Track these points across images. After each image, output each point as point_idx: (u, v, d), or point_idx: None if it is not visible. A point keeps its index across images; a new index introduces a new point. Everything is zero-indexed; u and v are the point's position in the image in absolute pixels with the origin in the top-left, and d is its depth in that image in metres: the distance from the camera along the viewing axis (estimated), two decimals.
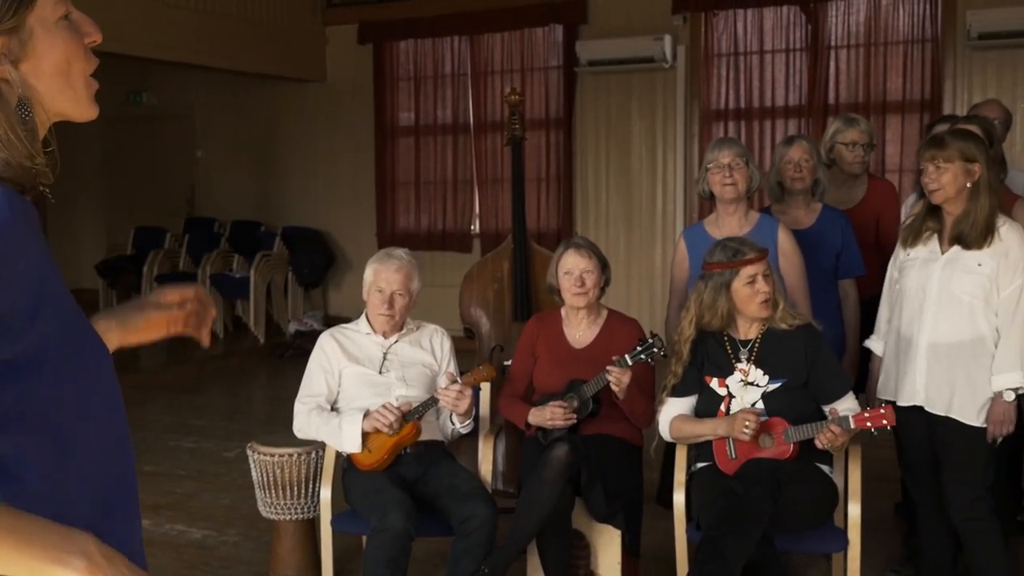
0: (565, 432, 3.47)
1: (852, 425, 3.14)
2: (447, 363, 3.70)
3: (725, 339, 3.40)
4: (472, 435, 3.71)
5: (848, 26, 7.89)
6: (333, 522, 3.51)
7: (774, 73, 8.12)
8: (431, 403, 3.48)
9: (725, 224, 3.90)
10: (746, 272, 3.30)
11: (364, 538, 3.43)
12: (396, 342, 3.65)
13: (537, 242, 4.99)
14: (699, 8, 8.13)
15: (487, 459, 3.65)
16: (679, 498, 3.35)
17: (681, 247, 4.04)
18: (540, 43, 8.83)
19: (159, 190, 10.67)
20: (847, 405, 3.31)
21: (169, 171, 10.62)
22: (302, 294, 9.68)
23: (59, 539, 1.12)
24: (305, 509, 3.85)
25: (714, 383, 3.38)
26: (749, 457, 3.25)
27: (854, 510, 3.22)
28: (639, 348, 3.44)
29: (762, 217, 3.96)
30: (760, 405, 3.30)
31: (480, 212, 9.24)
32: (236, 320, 9.61)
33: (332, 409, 3.59)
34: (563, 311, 3.75)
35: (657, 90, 8.39)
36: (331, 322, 7.76)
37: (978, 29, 7.24)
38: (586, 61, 8.41)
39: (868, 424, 3.13)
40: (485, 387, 3.77)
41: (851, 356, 4.00)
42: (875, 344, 3.54)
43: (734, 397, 3.34)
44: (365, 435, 3.42)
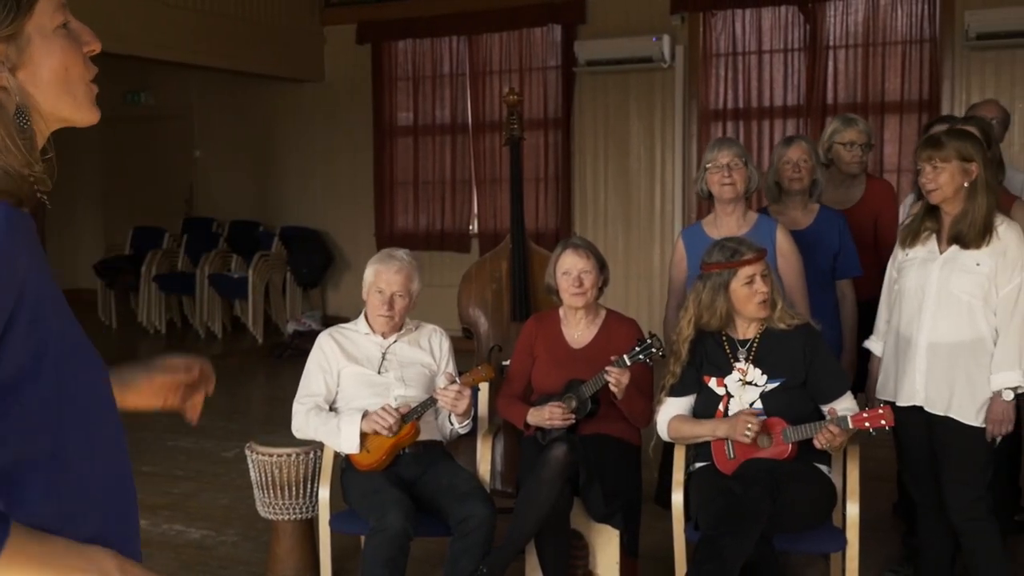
0: (563, 432, 3.48)
1: (850, 425, 3.14)
2: (446, 363, 3.70)
3: (723, 339, 3.40)
4: (471, 435, 3.71)
5: (846, 26, 7.88)
6: (331, 522, 3.51)
7: (772, 73, 8.11)
8: (430, 403, 3.48)
9: (723, 224, 3.90)
10: (744, 272, 3.31)
11: (362, 538, 3.43)
12: (395, 342, 3.65)
13: (535, 242, 4.98)
14: (697, 8, 8.12)
15: (485, 459, 3.65)
16: (677, 498, 3.35)
17: (679, 247, 4.04)
18: (538, 43, 8.82)
19: (157, 190, 10.65)
20: (845, 405, 3.31)
21: (167, 171, 10.61)
22: (300, 294, 9.67)
23: (77, 559, 1.14)
24: (303, 509, 3.85)
25: (712, 383, 3.38)
26: (747, 457, 3.24)
27: (852, 510, 3.21)
28: (638, 348, 3.43)
29: (760, 217, 3.96)
30: (758, 405, 3.30)
31: (478, 212, 9.22)
32: (234, 320, 9.60)
33: (331, 409, 3.59)
34: (561, 311, 3.75)
35: (655, 90, 8.39)
36: (329, 322, 7.74)
37: (976, 29, 7.24)
38: (584, 61, 8.41)
39: (867, 424, 3.14)
40: (484, 387, 3.77)
41: (848, 356, 4.00)
42: (874, 344, 3.54)
43: (732, 397, 3.34)
44: (363, 436, 3.42)
